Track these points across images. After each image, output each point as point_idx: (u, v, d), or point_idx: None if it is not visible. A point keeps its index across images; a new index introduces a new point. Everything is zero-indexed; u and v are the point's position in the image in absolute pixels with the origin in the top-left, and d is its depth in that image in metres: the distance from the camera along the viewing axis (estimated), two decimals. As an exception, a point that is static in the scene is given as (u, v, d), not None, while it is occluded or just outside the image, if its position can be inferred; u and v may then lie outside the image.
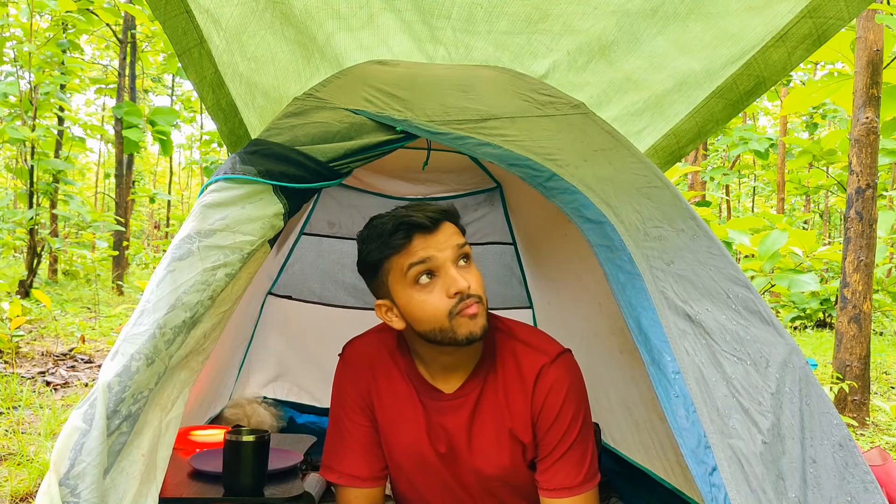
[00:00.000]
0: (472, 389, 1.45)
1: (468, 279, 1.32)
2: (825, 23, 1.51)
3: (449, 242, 1.33)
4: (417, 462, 1.49)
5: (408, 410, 1.48)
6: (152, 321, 1.18)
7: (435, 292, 1.31)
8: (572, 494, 1.41)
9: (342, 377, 1.54)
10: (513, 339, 1.47)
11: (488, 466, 1.46)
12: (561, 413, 1.41)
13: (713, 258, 1.36)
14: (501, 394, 1.44)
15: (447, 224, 1.37)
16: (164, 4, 1.27)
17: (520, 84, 1.61)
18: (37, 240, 8.34)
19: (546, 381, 1.41)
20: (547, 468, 1.43)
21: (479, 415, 1.45)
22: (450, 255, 1.33)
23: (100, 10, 8.75)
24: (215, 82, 1.49)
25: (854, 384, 4.21)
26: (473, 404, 1.44)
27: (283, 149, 1.38)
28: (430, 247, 1.32)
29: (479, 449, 1.46)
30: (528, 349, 1.46)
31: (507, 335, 1.48)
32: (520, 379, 1.43)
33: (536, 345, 1.47)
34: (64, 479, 1.05)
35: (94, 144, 21.96)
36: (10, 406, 3.72)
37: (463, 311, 1.30)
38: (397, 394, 1.49)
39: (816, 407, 1.25)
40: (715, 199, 13.38)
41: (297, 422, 3.03)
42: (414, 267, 1.32)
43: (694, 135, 2.00)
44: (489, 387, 1.45)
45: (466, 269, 1.35)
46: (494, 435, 1.45)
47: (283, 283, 3.02)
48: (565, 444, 1.42)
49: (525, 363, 1.44)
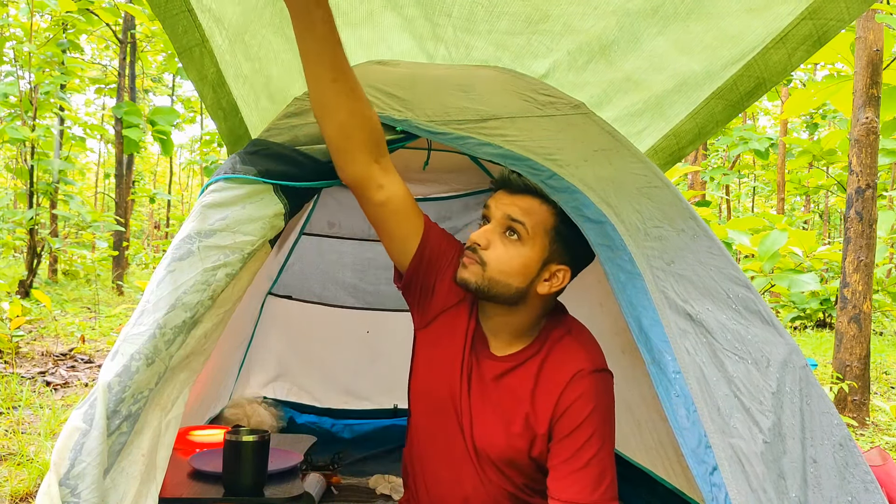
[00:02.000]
0: (513, 360, 1.46)
1: (493, 244, 1.38)
2: (825, 24, 1.51)
3: (507, 208, 1.39)
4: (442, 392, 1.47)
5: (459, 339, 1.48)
6: (152, 321, 1.18)
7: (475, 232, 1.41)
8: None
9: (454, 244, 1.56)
10: (568, 335, 1.48)
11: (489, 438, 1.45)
12: (585, 423, 1.38)
13: (713, 258, 1.36)
14: (535, 379, 1.43)
15: (529, 197, 1.39)
16: (164, 3, 1.27)
17: (520, 84, 1.61)
18: (37, 240, 8.34)
19: (578, 387, 1.40)
20: (561, 477, 1.38)
21: (504, 382, 1.45)
22: (499, 215, 1.40)
23: (100, 10, 8.75)
24: (216, 82, 1.49)
25: (854, 384, 4.21)
26: (506, 370, 1.45)
27: (284, 149, 1.38)
28: (496, 200, 1.42)
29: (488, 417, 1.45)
30: (576, 348, 1.45)
31: (566, 330, 1.48)
32: (557, 372, 1.43)
33: (587, 349, 1.46)
34: (64, 479, 1.05)
35: (94, 144, 21.97)
36: (10, 406, 3.72)
37: (463, 256, 1.40)
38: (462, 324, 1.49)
39: (817, 407, 1.25)
40: (715, 199, 13.39)
41: (297, 422, 3.03)
42: (483, 208, 1.45)
43: (694, 135, 2.00)
44: (527, 365, 1.45)
45: (506, 241, 1.39)
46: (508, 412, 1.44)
47: (283, 283, 3.02)
48: (583, 458, 1.36)
49: (567, 360, 1.43)
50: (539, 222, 1.38)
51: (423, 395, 1.52)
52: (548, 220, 1.39)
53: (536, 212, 1.38)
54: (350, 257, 3.05)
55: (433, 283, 1.52)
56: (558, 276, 1.41)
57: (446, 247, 1.52)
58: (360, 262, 3.06)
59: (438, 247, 1.50)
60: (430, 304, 1.52)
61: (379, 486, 2.39)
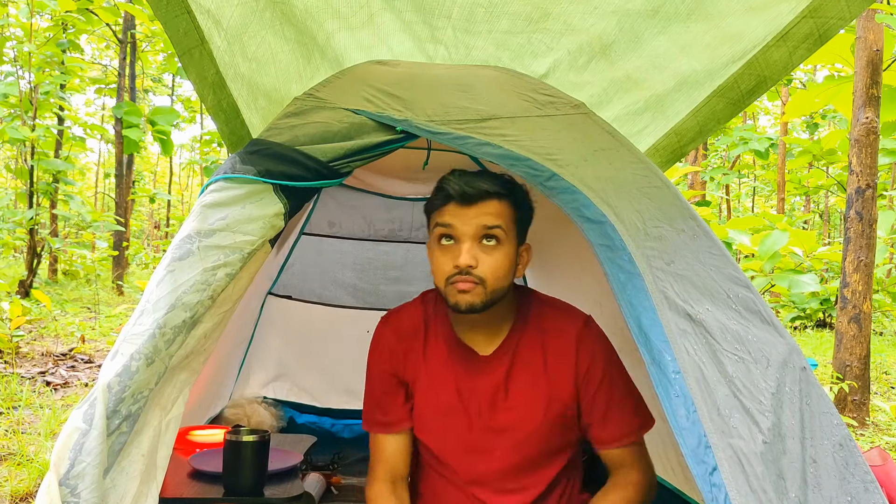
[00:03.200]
0: (507, 351, 1.51)
1: (480, 259, 1.39)
2: (826, 23, 1.51)
3: (478, 220, 1.40)
4: (448, 422, 1.53)
5: (445, 367, 1.54)
6: (152, 321, 1.17)
7: (446, 256, 1.41)
8: (629, 441, 1.48)
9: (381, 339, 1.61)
10: (546, 306, 1.56)
11: (521, 425, 1.50)
12: (606, 370, 1.49)
13: (713, 258, 1.36)
14: (539, 355, 1.50)
15: (490, 202, 1.41)
16: (164, 5, 1.26)
17: (520, 84, 1.60)
18: (37, 240, 8.34)
19: (587, 343, 1.50)
20: (603, 423, 1.49)
21: (513, 375, 1.50)
22: (471, 230, 1.40)
23: (100, 10, 8.75)
24: (216, 83, 1.48)
25: (854, 384, 4.21)
26: (508, 365, 1.50)
27: (284, 149, 1.38)
28: (458, 216, 1.41)
29: (512, 408, 1.50)
30: (561, 313, 1.55)
31: (541, 303, 1.57)
32: (557, 340, 1.51)
33: (568, 310, 1.57)
34: (64, 479, 1.05)
35: (94, 144, 21.95)
36: (10, 406, 3.72)
37: (456, 283, 1.39)
38: (437, 353, 1.55)
39: (816, 407, 1.25)
40: (715, 199, 13.39)
41: (297, 422, 3.03)
42: (439, 227, 1.43)
43: (695, 134, 2.00)
44: (523, 348, 1.51)
45: (487, 249, 1.41)
46: (529, 395, 1.50)
47: (283, 283, 3.02)
48: (615, 398, 1.49)
49: (561, 325, 1.52)
50: (507, 219, 1.44)
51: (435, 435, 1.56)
52: (511, 212, 1.45)
53: (502, 211, 1.43)
54: (350, 257, 3.05)
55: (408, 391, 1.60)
56: (526, 255, 1.51)
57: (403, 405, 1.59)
58: (360, 262, 3.06)
59: (405, 411, 1.58)
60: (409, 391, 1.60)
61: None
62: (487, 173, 1.45)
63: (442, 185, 1.43)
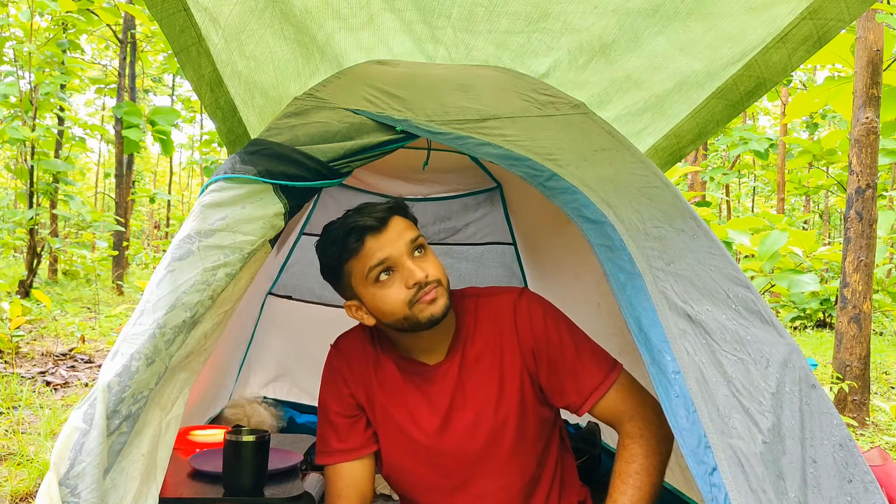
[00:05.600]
0: (454, 354, 1.51)
1: (425, 268, 1.39)
2: (826, 24, 1.51)
3: (402, 238, 1.40)
4: (412, 441, 1.51)
5: (403, 392, 1.53)
6: (152, 321, 1.17)
7: (395, 286, 1.39)
8: (607, 386, 1.45)
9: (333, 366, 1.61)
10: (476, 298, 1.56)
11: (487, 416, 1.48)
12: (550, 330, 1.48)
13: (713, 258, 1.36)
14: (485, 344, 1.50)
15: (396, 219, 1.42)
16: (161, 2, 1.26)
17: (520, 84, 1.60)
18: (37, 240, 8.34)
19: (523, 311, 1.49)
20: (573, 382, 1.46)
21: (466, 372, 1.50)
22: (403, 249, 1.40)
23: (100, 10, 8.75)
24: (213, 81, 1.48)
25: (854, 384, 4.21)
26: (458, 365, 1.50)
27: (284, 148, 1.38)
28: (384, 246, 1.39)
29: (473, 403, 1.49)
30: (493, 298, 1.55)
31: (470, 297, 1.57)
32: (496, 322, 1.51)
33: (498, 292, 1.57)
34: (64, 479, 1.05)
35: (94, 144, 21.95)
36: (10, 406, 3.72)
37: (421, 298, 1.38)
38: (392, 379, 1.54)
39: (816, 407, 1.25)
40: (715, 199, 13.38)
41: (297, 422, 3.03)
42: (373, 269, 1.40)
43: (694, 135, 2.00)
44: (469, 344, 1.51)
45: (422, 258, 1.42)
46: (486, 385, 1.49)
47: (283, 283, 3.02)
48: (571, 351, 1.46)
49: (495, 308, 1.52)
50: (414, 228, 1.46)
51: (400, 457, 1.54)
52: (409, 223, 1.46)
53: (407, 224, 1.44)
54: (350, 257, 3.05)
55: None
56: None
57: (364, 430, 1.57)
58: (360, 262, 3.05)
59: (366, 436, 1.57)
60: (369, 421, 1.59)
61: (378, 486, 2.39)
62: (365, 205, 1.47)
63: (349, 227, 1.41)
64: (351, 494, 1.52)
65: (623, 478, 1.38)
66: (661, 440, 1.41)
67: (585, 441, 2.31)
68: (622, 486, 1.37)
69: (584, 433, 2.38)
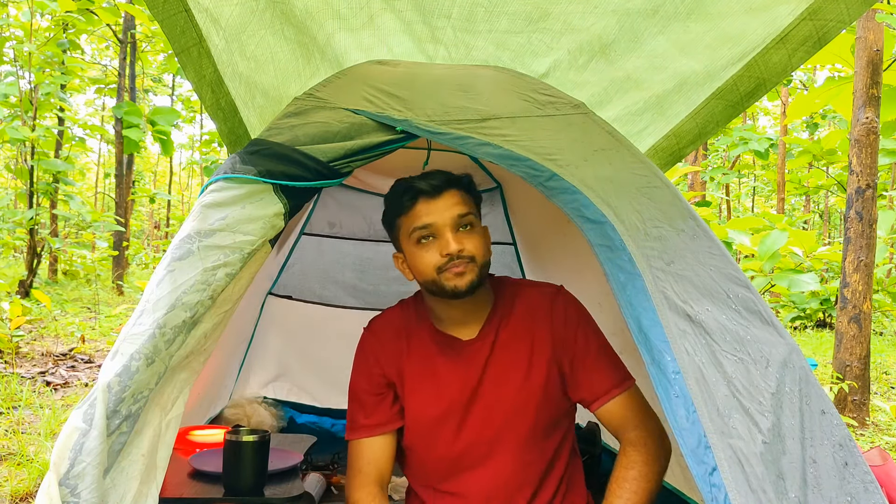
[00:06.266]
0: (489, 332, 1.56)
1: (463, 242, 1.46)
2: (825, 25, 1.51)
3: (450, 211, 1.46)
4: (438, 410, 1.55)
5: (435, 365, 1.57)
6: (152, 321, 1.17)
7: (431, 251, 1.47)
8: (620, 391, 1.50)
9: (365, 345, 1.65)
10: (519, 286, 1.64)
11: (508, 398, 1.52)
12: (580, 326, 1.55)
13: (713, 258, 1.36)
14: (518, 329, 1.56)
15: (451, 192, 1.48)
16: (161, 3, 1.26)
17: (520, 84, 1.60)
18: (37, 240, 8.34)
19: (560, 304, 1.57)
20: (588, 379, 1.52)
21: (496, 352, 1.55)
22: (448, 220, 1.46)
23: (100, 10, 8.74)
24: (214, 81, 1.48)
25: (854, 384, 4.21)
26: (491, 344, 1.55)
27: (284, 148, 1.38)
28: (431, 212, 1.46)
29: (498, 383, 1.53)
30: (534, 287, 1.64)
31: (514, 284, 1.65)
32: (533, 310, 1.57)
33: (539, 284, 1.66)
34: (64, 479, 1.05)
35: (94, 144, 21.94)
36: (10, 406, 3.72)
37: (450, 268, 1.45)
38: (425, 352, 1.59)
39: (816, 407, 1.25)
40: (715, 199, 13.38)
41: (297, 422, 3.03)
42: (416, 231, 1.47)
43: (694, 136, 2.00)
44: (504, 325, 1.56)
45: (466, 234, 1.48)
46: (513, 368, 1.53)
47: (283, 283, 3.02)
48: (593, 352, 1.53)
49: (535, 297, 1.59)
50: (472, 205, 1.52)
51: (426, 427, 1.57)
52: (471, 199, 1.53)
53: (465, 199, 1.51)
54: (350, 257, 3.05)
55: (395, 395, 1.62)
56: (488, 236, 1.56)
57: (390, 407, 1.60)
58: (360, 262, 3.06)
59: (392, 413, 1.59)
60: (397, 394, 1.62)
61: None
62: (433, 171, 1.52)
63: (407, 186, 1.49)
64: (371, 472, 1.55)
65: (620, 482, 1.42)
66: (661, 454, 1.46)
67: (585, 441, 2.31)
68: (619, 491, 1.41)
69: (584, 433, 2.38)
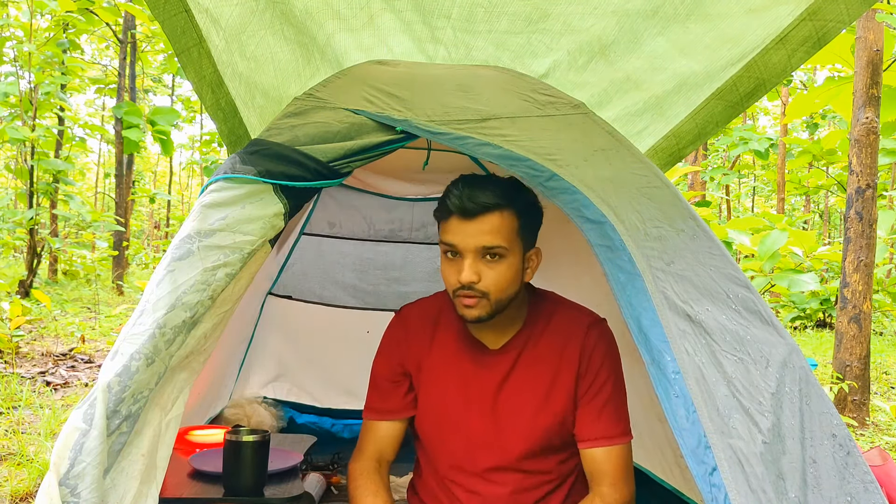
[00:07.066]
0: (515, 346, 1.53)
1: (481, 274, 1.40)
2: (825, 25, 1.51)
3: (477, 239, 1.39)
4: (452, 408, 1.55)
5: (452, 358, 1.56)
6: (152, 321, 1.18)
7: (452, 269, 1.43)
8: (612, 444, 1.48)
9: (391, 331, 1.65)
10: (559, 305, 1.59)
11: (521, 418, 1.51)
12: (604, 365, 1.51)
13: (713, 258, 1.36)
14: (546, 351, 1.53)
15: (490, 217, 1.40)
16: (162, 4, 1.27)
17: (520, 84, 1.60)
18: (37, 240, 8.34)
19: (592, 337, 1.52)
20: (589, 418, 1.50)
21: (518, 369, 1.52)
22: (472, 247, 1.40)
23: (100, 9, 8.75)
24: (214, 82, 1.49)
25: (854, 384, 4.21)
26: (515, 358, 1.53)
27: (284, 149, 1.38)
28: (459, 233, 1.41)
29: (513, 401, 1.52)
30: (573, 311, 1.59)
31: (554, 303, 1.60)
32: (566, 334, 1.53)
33: (582, 309, 1.60)
34: (64, 479, 1.05)
35: (94, 144, 21.95)
36: (10, 406, 3.72)
37: (461, 296, 1.42)
38: (445, 344, 1.58)
39: (816, 407, 1.25)
40: (715, 199, 13.39)
41: (297, 422, 3.03)
42: (442, 243, 1.45)
43: (694, 136, 2.00)
44: (532, 343, 1.53)
45: (490, 264, 1.41)
46: (531, 389, 1.52)
47: (283, 283, 3.02)
48: (605, 395, 1.50)
49: (572, 321, 1.55)
50: (510, 231, 1.41)
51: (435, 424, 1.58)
52: (514, 223, 1.42)
53: (504, 225, 1.40)
54: (350, 257, 3.05)
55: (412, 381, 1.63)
56: (535, 258, 1.51)
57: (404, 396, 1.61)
58: (360, 262, 3.06)
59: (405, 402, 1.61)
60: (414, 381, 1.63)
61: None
62: (492, 181, 1.43)
63: (444, 198, 1.43)
64: (374, 451, 1.59)
65: None
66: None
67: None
68: None
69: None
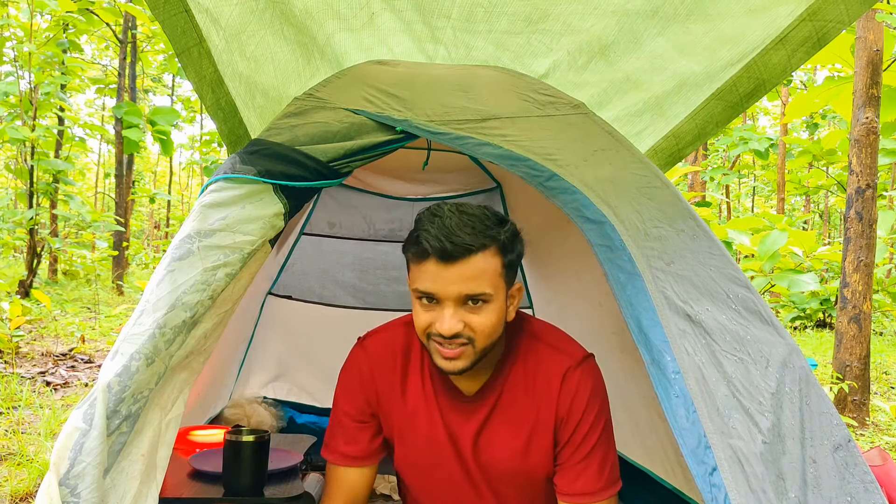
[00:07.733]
0: (492, 392, 1.45)
1: (465, 321, 1.29)
2: (825, 26, 1.51)
3: (458, 286, 1.26)
4: (431, 459, 1.49)
5: (426, 408, 1.48)
6: (152, 321, 1.18)
7: (427, 314, 1.31)
8: (593, 500, 1.40)
9: (354, 365, 1.53)
10: (537, 342, 1.47)
11: (503, 467, 1.46)
12: (584, 416, 1.41)
13: (713, 258, 1.36)
14: (522, 396, 1.44)
15: (472, 260, 1.26)
16: (163, 4, 1.27)
17: (520, 84, 1.60)
18: (37, 240, 8.34)
19: (571, 385, 1.41)
20: (567, 472, 1.42)
21: (496, 417, 1.45)
22: (454, 295, 1.28)
23: (100, 10, 8.75)
24: (214, 82, 1.49)
25: (854, 384, 4.21)
26: (492, 406, 1.45)
27: (284, 148, 1.38)
28: (439, 279, 1.27)
29: (494, 450, 1.46)
30: (552, 352, 1.45)
31: (532, 338, 1.47)
32: (544, 381, 1.43)
33: (562, 347, 1.47)
34: (64, 479, 1.05)
35: (94, 144, 21.95)
36: (10, 406, 3.72)
37: (441, 346, 1.31)
38: (417, 390, 1.49)
39: (816, 407, 1.25)
40: (715, 200, 13.39)
41: (297, 422, 3.03)
42: (417, 290, 1.32)
43: (694, 136, 2.00)
44: (509, 389, 1.45)
45: (473, 310, 1.29)
46: (513, 436, 1.45)
47: (283, 283, 3.02)
48: (586, 448, 1.41)
49: (550, 365, 1.43)
50: (494, 274, 1.30)
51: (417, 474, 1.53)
52: (498, 263, 1.30)
53: (489, 268, 1.28)
54: (350, 257, 3.05)
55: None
56: (517, 295, 1.41)
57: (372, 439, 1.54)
58: (360, 262, 3.06)
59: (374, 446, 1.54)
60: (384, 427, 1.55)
61: (379, 486, 2.39)
62: (470, 214, 1.30)
63: (419, 238, 1.27)
64: (342, 499, 1.51)
65: None
66: None
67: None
68: None
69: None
